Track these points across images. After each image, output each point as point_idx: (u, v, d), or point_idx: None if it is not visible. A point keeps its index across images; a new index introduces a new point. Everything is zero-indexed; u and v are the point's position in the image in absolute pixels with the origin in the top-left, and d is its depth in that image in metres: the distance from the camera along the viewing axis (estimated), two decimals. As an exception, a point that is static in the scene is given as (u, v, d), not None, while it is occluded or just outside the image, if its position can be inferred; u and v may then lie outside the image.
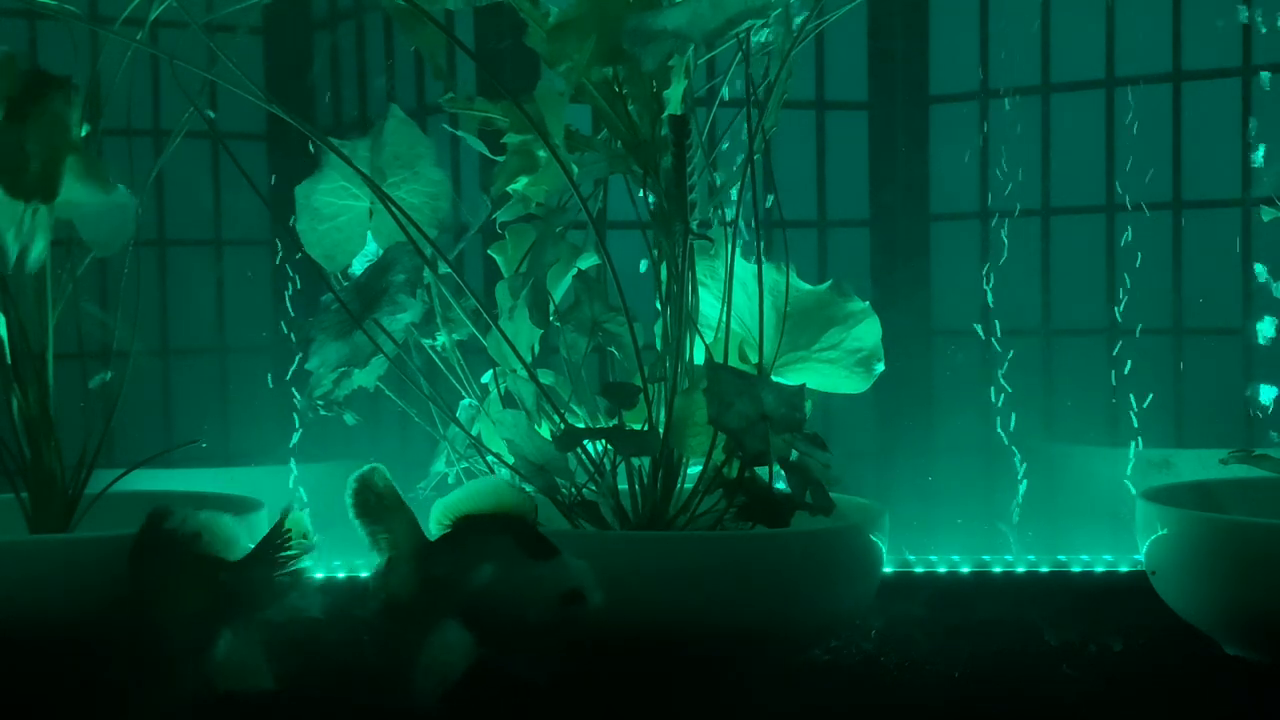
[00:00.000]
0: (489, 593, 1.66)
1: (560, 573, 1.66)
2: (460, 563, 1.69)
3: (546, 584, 1.65)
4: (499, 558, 1.67)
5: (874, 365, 2.06)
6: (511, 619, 1.66)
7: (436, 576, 1.70)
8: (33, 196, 1.89)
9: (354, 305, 1.98)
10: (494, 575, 1.66)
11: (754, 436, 1.82)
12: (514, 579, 1.66)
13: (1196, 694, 1.88)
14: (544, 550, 1.68)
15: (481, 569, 1.67)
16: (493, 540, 1.69)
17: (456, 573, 1.69)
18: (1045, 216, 3.25)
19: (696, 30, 1.77)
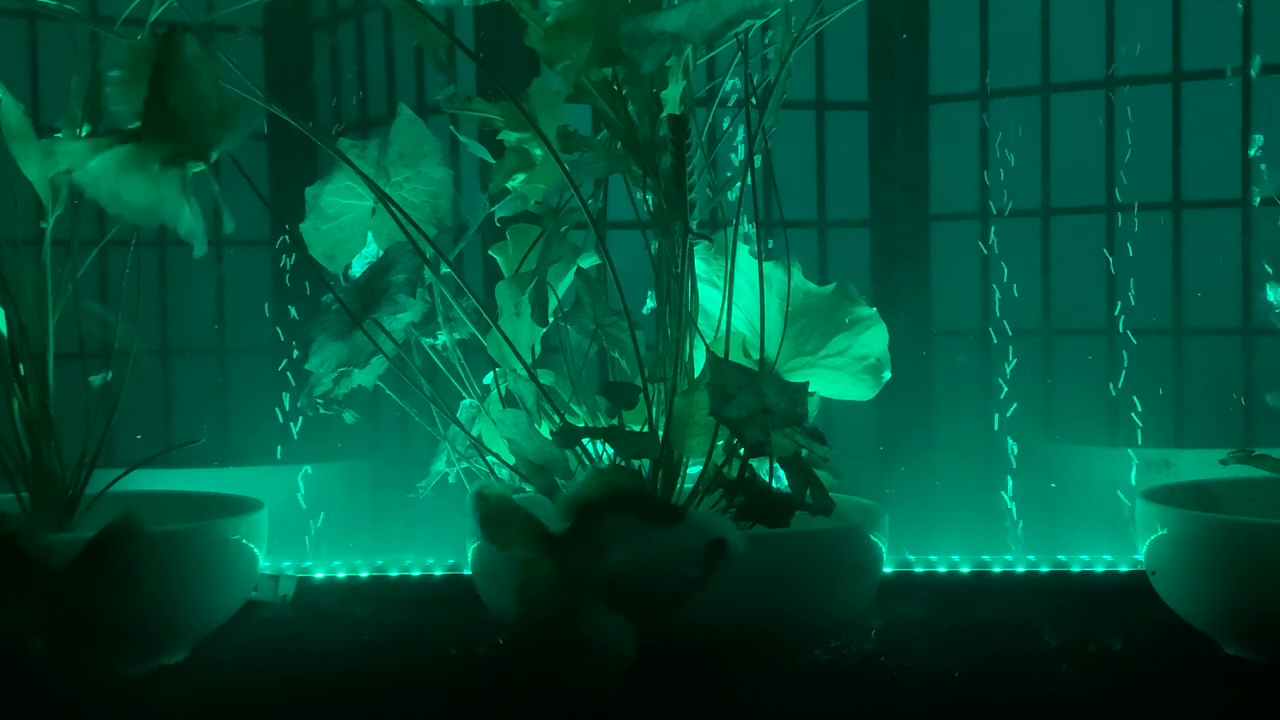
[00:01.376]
0: (631, 568, 1.67)
1: (695, 530, 1.67)
2: (594, 549, 1.69)
3: (686, 543, 1.66)
4: (630, 534, 1.68)
5: (881, 373, 2.06)
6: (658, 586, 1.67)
7: (575, 569, 1.70)
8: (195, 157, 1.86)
9: (354, 305, 1.98)
10: (631, 551, 1.67)
11: (755, 427, 1.82)
12: (651, 548, 1.67)
13: (1196, 694, 1.88)
14: (671, 515, 1.69)
15: (617, 548, 1.68)
16: (617, 519, 1.69)
17: (593, 559, 1.69)
18: (1045, 216, 3.25)
19: (695, 32, 1.77)
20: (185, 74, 1.81)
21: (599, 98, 1.95)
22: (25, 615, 1.75)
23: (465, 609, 2.26)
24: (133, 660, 1.96)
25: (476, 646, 2.12)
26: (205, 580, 1.98)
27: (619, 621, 1.68)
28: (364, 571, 2.63)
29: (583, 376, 2.08)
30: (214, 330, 3.32)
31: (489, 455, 2.05)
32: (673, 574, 1.67)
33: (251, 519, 2.06)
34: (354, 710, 1.84)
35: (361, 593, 2.50)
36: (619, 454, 1.92)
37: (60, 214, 2.12)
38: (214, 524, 2.02)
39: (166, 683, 1.95)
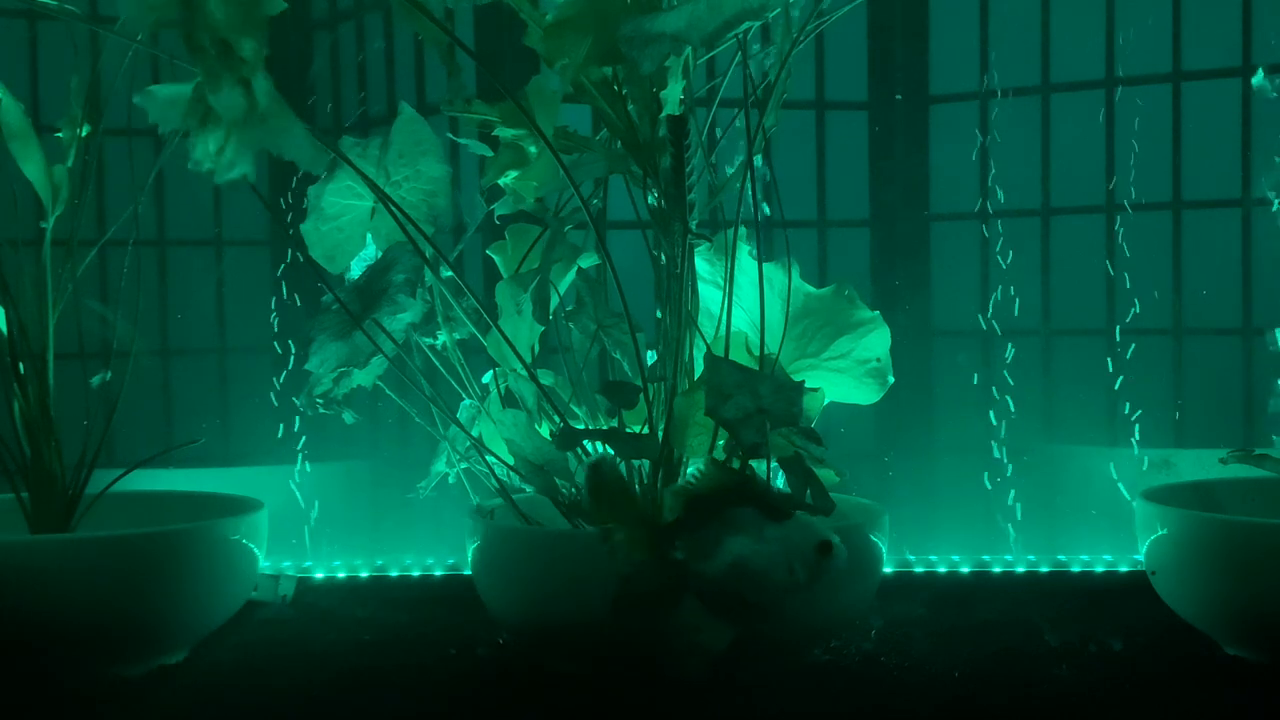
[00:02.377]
0: (741, 564, 1.67)
1: (806, 529, 1.67)
2: (703, 541, 1.70)
3: (797, 542, 1.66)
4: (744, 529, 1.68)
5: (885, 376, 2.05)
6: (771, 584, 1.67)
7: (680, 559, 1.70)
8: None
9: (354, 305, 1.98)
10: (743, 547, 1.67)
11: (750, 428, 1.82)
12: (764, 545, 1.67)
13: (1196, 694, 1.88)
14: (784, 510, 1.69)
15: (727, 542, 1.68)
16: (731, 514, 1.69)
17: (699, 551, 1.69)
18: (1045, 216, 3.25)
19: (694, 33, 1.77)
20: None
21: (599, 97, 1.95)
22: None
23: (465, 609, 2.26)
24: (133, 660, 1.96)
25: (476, 646, 2.12)
26: (205, 580, 1.98)
27: (718, 616, 1.69)
28: (364, 571, 2.63)
29: (583, 377, 2.08)
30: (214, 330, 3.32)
31: (489, 455, 2.05)
32: (778, 573, 1.67)
33: (251, 519, 2.06)
34: (354, 710, 1.84)
35: (361, 593, 2.50)
36: (619, 455, 1.93)
37: (60, 214, 2.12)
38: (214, 524, 2.02)
39: (166, 683, 1.95)
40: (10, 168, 2.11)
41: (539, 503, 2.05)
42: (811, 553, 1.67)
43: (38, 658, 1.90)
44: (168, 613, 1.96)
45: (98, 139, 2.14)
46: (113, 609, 1.90)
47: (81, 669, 1.93)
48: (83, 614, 1.89)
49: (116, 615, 1.91)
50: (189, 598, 1.97)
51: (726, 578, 1.68)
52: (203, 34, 1.78)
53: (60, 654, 1.90)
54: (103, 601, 1.90)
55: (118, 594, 1.90)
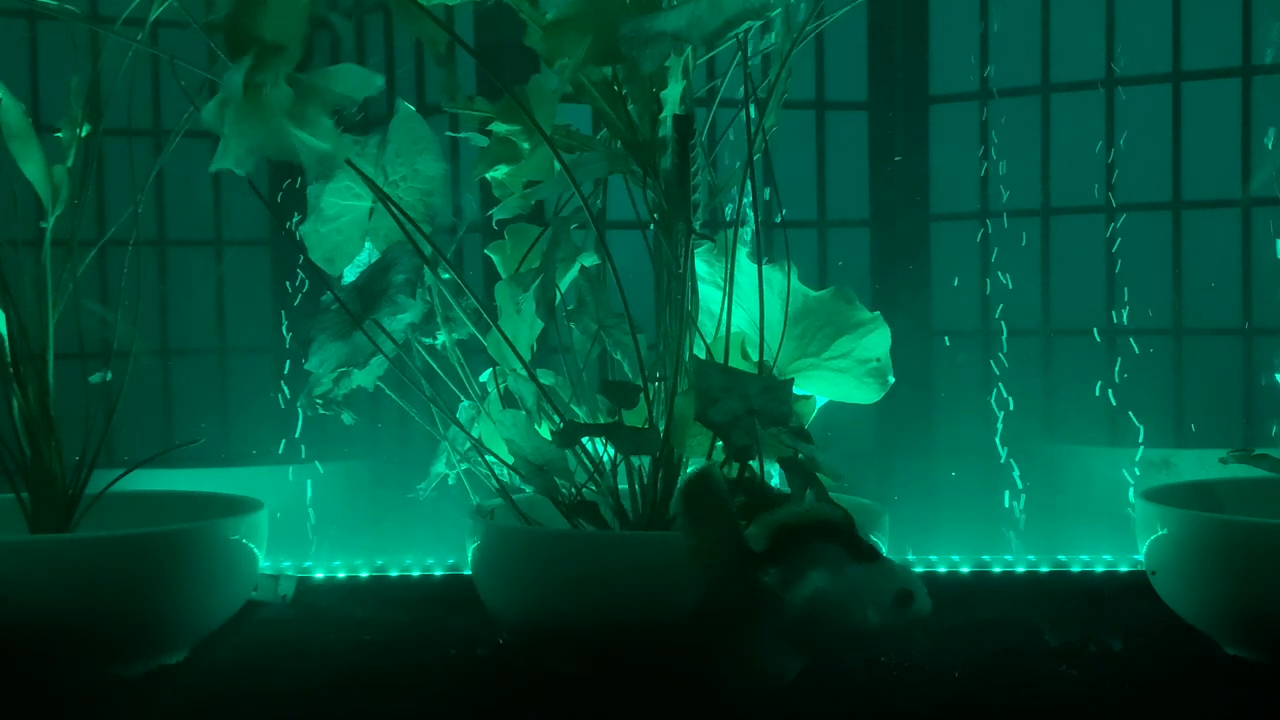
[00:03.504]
0: (819, 598, 1.67)
1: (888, 575, 1.67)
2: (788, 571, 1.70)
3: (877, 587, 1.66)
4: (827, 564, 1.68)
5: (885, 376, 2.06)
6: (844, 623, 1.67)
7: (765, 585, 1.71)
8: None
9: (354, 305, 1.98)
10: (823, 581, 1.68)
11: (739, 431, 1.82)
12: (843, 583, 1.67)
13: (1196, 694, 1.88)
14: (870, 554, 1.69)
15: (810, 576, 1.68)
16: (818, 548, 1.70)
17: (784, 581, 1.70)
18: (1045, 216, 3.25)
19: (695, 32, 1.77)
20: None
21: (599, 97, 1.95)
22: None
23: (465, 609, 2.26)
24: (133, 660, 1.96)
25: (476, 646, 2.12)
26: (205, 580, 1.98)
27: (792, 646, 1.69)
28: (364, 571, 2.63)
29: (583, 377, 2.08)
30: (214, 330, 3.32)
31: (488, 455, 2.05)
32: (850, 613, 1.67)
33: (251, 519, 2.06)
34: (354, 710, 1.84)
35: (361, 593, 2.50)
36: (619, 451, 1.92)
37: (60, 214, 2.12)
38: (214, 524, 2.02)
39: (166, 683, 1.95)
40: (10, 168, 2.11)
41: (539, 503, 2.05)
42: (888, 599, 1.67)
43: (37, 658, 1.90)
44: (168, 613, 1.95)
45: (98, 139, 2.14)
46: (113, 609, 1.90)
47: (81, 669, 1.93)
48: (83, 614, 1.89)
49: (116, 615, 1.91)
50: (189, 598, 1.97)
51: (801, 609, 1.68)
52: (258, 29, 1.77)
53: (60, 654, 1.90)
54: (103, 601, 1.90)
55: (118, 594, 1.90)
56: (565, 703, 1.85)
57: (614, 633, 1.86)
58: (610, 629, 1.86)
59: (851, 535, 1.70)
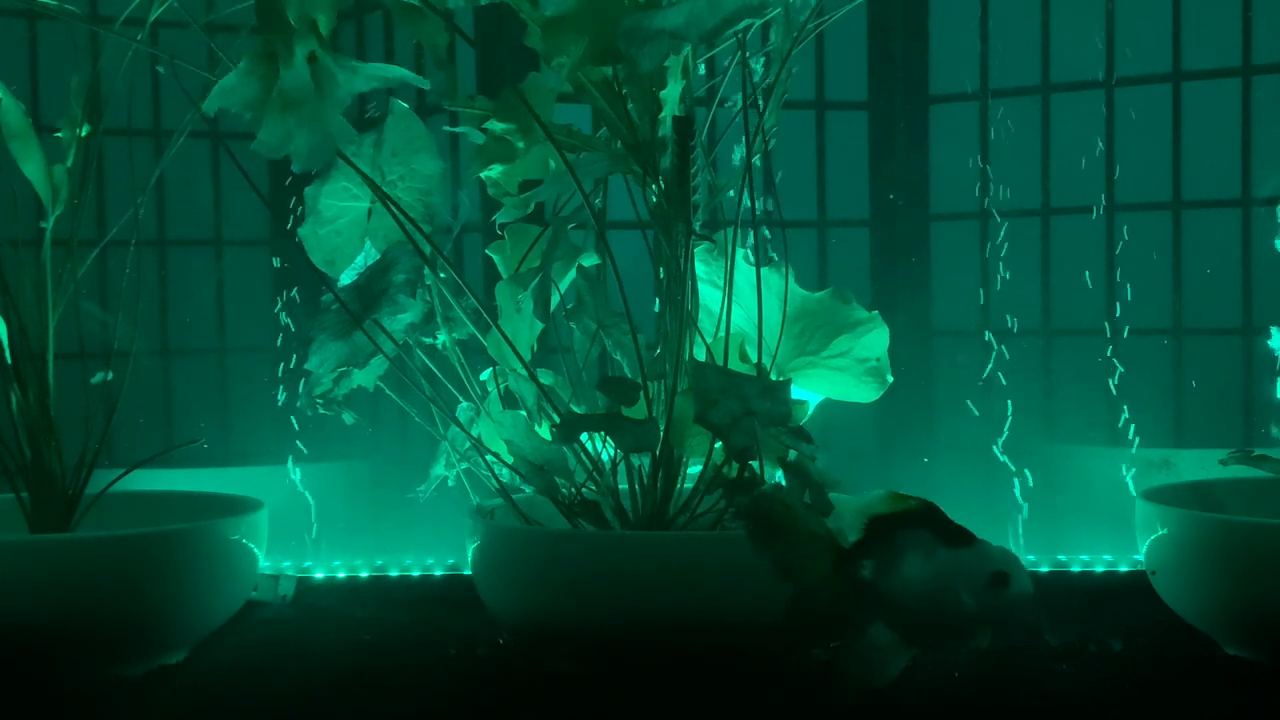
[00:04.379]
0: (915, 587, 1.67)
1: (982, 557, 1.67)
2: (880, 562, 1.70)
3: (970, 570, 1.66)
4: (918, 551, 1.68)
5: (884, 374, 2.06)
6: (941, 609, 1.67)
7: (858, 579, 1.71)
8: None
9: (354, 305, 1.98)
10: (917, 569, 1.67)
11: (739, 432, 1.82)
12: (937, 569, 1.67)
13: (1196, 694, 1.88)
14: (962, 538, 1.69)
15: (903, 564, 1.68)
16: (909, 535, 1.70)
17: (877, 572, 1.70)
18: (1045, 216, 3.25)
19: (693, 30, 1.77)
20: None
21: (599, 97, 1.95)
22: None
23: (465, 609, 2.26)
24: (133, 660, 1.96)
25: (476, 646, 2.12)
26: (205, 580, 1.98)
27: (892, 640, 1.69)
28: (364, 571, 2.63)
29: (583, 377, 2.08)
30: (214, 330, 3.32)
31: (488, 455, 2.05)
32: (944, 599, 1.67)
33: (251, 519, 2.06)
34: (354, 710, 1.84)
35: (361, 593, 2.50)
36: (619, 446, 1.92)
37: (60, 214, 2.12)
38: (214, 524, 2.02)
39: (166, 683, 1.95)
40: (10, 168, 2.11)
41: (539, 503, 2.05)
42: (984, 582, 1.66)
43: (37, 658, 1.90)
44: (168, 613, 1.95)
45: (98, 139, 2.14)
46: (113, 609, 1.90)
47: (81, 669, 1.93)
48: (83, 614, 1.89)
49: (116, 615, 1.91)
50: (189, 598, 1.97)
51: (897, 599, 1.68)
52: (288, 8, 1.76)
53: (60, 654, 1.90)
54: (103, 601, 1.90)
55: (118, 594, 1.90)
56: (565, 703, 1.85)
57: (614, 633, 1.86)
58: (610, 629, 1.86)
59: (940, 520, 1.70)
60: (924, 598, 1.67)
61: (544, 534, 1.98)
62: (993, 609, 1.65)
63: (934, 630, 1.70)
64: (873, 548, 1.71)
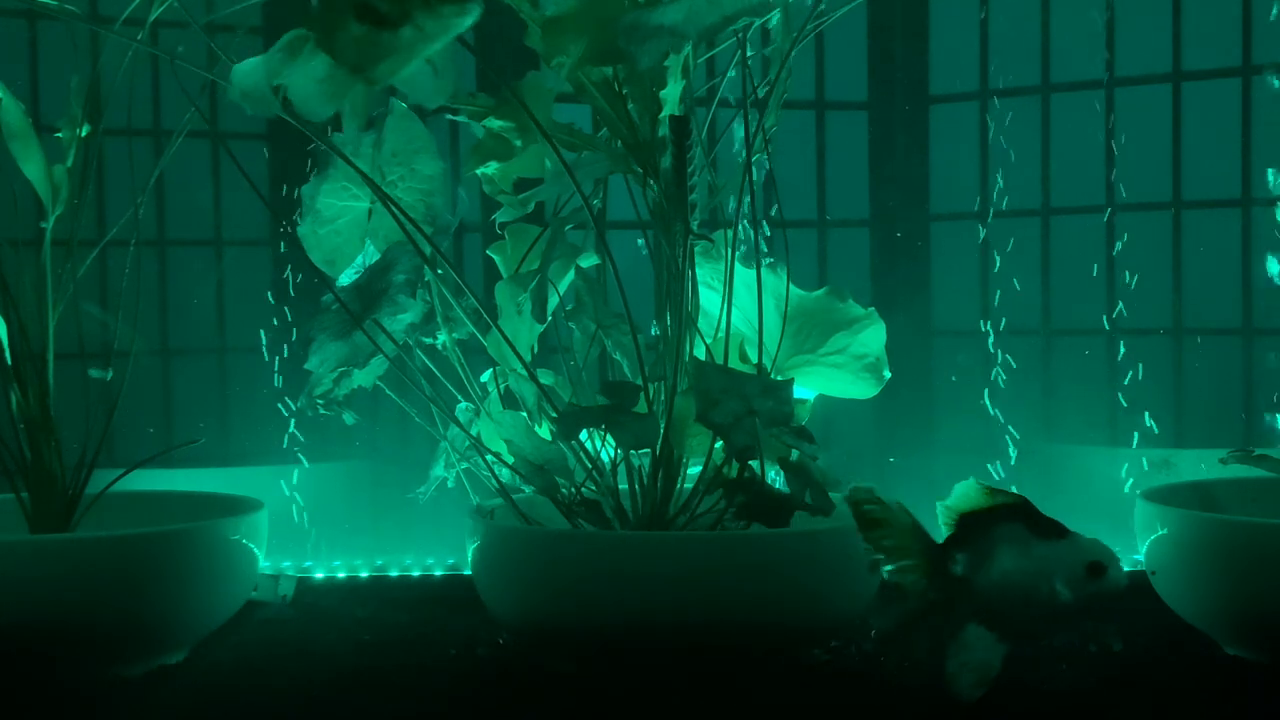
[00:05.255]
0: (1010, 580, 1.67)
1: (1077, 549, 1.68)
2: (975, 557, 1.70)
3: (1066, 561, 1.67)
4: (1012, 545, 1.68)
5: (881, 370, 2.06)
6: (1036, 602, 1.67)
7: (953, 576, 1.71)
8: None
9: (354, 305, 1.98)
10: (1012, 562, 1.67)
11: (741, 431, 1.82)
12: (1032, 562, 1.67)
13: (1196, 694, 1.88)
14: (1055, 530, 1.69)
15: (997, 558, 1.68)
16: (1002, 529, 1.69)
17: (973, 568, 1.69)
18: (1045, 216, 3.25)
19: (693, 27, 1.77)
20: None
21: (598, 96, 1.95)
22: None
23: (465, 609, 2.26)
24: (133, 660, 1.96)
25: (476, 646, 2.12)
26: (205, 580, 1.98)
27: (991, 635, 1.69)
28: (364, 571, 2.63)
29: (583, 377, 2.08)
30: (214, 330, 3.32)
31: (488, 455, 2.05)
32: (1039, 591, 1.67)
33: (251, 519, 2.06)
34: (354, 710, 1.84)
35: (361, 593, 2.50)
36: (618, 442, 1.92)
37: (60, 214, 2.12)
38: (214, 524, 2.02)
39: (166, 683, 1.95)
40: (10, 168, 2.11)
41: (539, 503, 2.05)
42: (1080, 573, 1.66)
43: (37, 658, 1.90)
44: (168, 613, 1.95)
45: (98, 139, 2.14)
46: (113, 609, 1.90)
47: (81, 669, 1.93)
48: (83, 614, 1.89)
49: (116, 615, 1.91)
50: (189, 598, 1.97)
51: (992, 593, 1.68)
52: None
53: (60, 654, 1.90)
54: (103, 601, 1.90)
55: (118, 594, 1.90)
56: (565, 703, 1.85)
57: (614, 633, 1.86)
58: (610, 629, 1.86)
59: (1033, 514, 1.70)
60: (1019, 591, 1.67)
61: (544, 534, 1.98)
62: (1090, 600, 1.65)
63: (1030, 624, 1.70)
64: (965, 542, 1.71)
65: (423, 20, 1.73)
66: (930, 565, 1.73)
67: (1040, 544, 1.69)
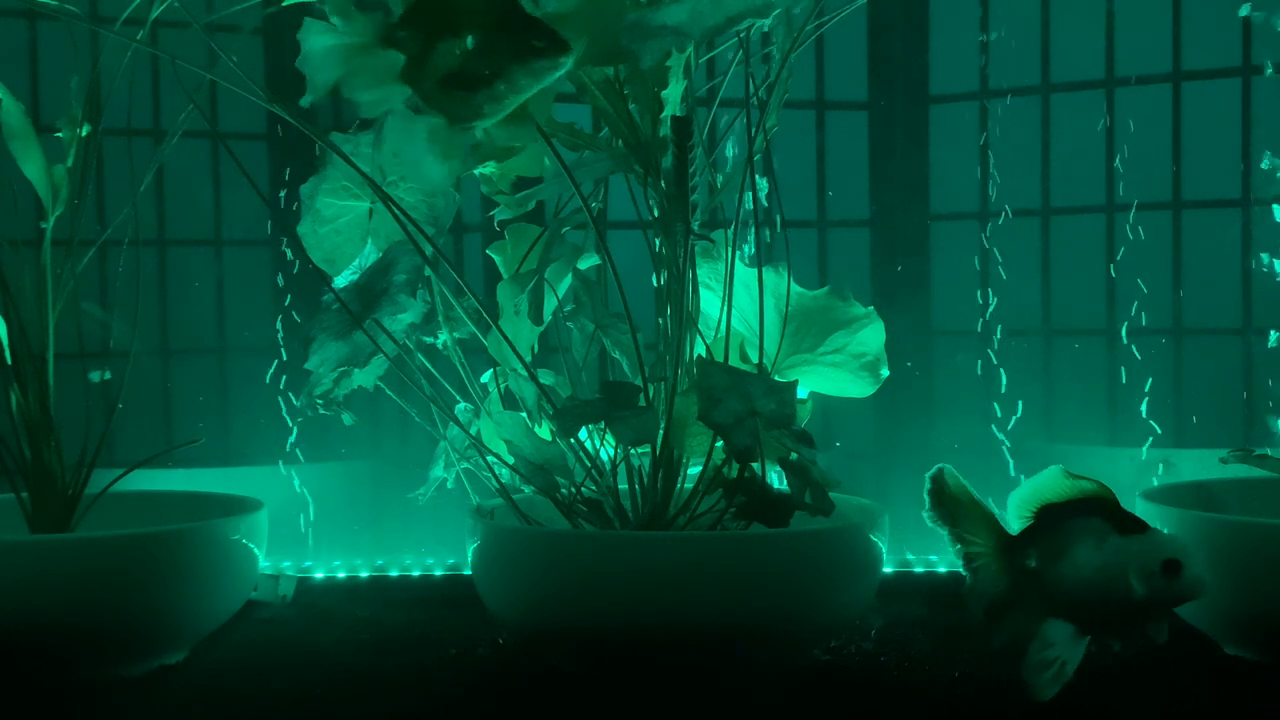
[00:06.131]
0: (1087, 575, 1.66)
1: (1154, 545, 1.66)
2: (1050, 551, 1.69)
3: (1144, 557, 1.65)
4: (1089, 539, 1.67)
5: (879, 369, 2.06)
6: (1112, 598, 1.66)
7: (1030, 569, 1.70)
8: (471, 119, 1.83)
9: (354, 305, 1.98)
10: (1089, 557, 1.66)
11: (742, 432, 1.82)
12: (1110, 557, 1.66)
13: (1196, 694, 1.88)
14: (1134, 525, 1.68)
15: (1075, 552, 1.67)
16: (1080, 523, 1.69)
17: (1050, 562, 1.68)
18: (1045, 216, 3.25)
19: (696, 27, 1.77)
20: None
21: (600, 96, 1.95)
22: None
23: (465, 609, 2.26)
24: (133, 660, 1.96)
25: (476, 646, 2.12)
26: (205, 580, 1.98)
27: (1069, 630, 1.68)
28: (364, 571, 2.63)
29: (582, 377, 2.08)
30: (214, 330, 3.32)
31: (488, 455, 2.05)
32: (1114, 586, 1.66)
33: (251, 519, 2.06)
34: (354, 710, 1.84)
35: (361, 593, 2.50)
36: (618, 438, 1.92)
37: (60, 214, 2.12)
38: (214, 524, 2.02)
39: (166, 683, 1.95)
40: (10, 168, 2.11)
41: (539, 503, 2.05)
42: (1156, 570, 1.65)
43: (37, 658, 1.90)
44: (168, 613, 1.96)
45: (98, 139, 2.14)
46: (113, 609, 1.90)
47: (81, 669, 1.93)
48: (83, 614, 1.89)
49: (116, 615, 1.91)
50: (189, 598, 1.97)
51: (1061, 587, 1.68)
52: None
53: (60, 654, 1.90)
54: (103, 601, 1.90)
55: (118, 594, 1.90)
56: (565, 703, 1.85)
57: (614, 633, 1.86)
58: (610, 629, 1.86)
59: (1113, 508, 1.69)
60: (1092, 585, 1.66)
61: (544, 534, 1.98)
62: (1165, 597, 1.64)
63: (1107, 621, 1.68)
64: (1040, 535, 1.70)
65: (516, 75, 1.74)
66: (1005, 557, 1.73)
67: (1117, 538, 1.67)
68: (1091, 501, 1.71)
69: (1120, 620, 1.70)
